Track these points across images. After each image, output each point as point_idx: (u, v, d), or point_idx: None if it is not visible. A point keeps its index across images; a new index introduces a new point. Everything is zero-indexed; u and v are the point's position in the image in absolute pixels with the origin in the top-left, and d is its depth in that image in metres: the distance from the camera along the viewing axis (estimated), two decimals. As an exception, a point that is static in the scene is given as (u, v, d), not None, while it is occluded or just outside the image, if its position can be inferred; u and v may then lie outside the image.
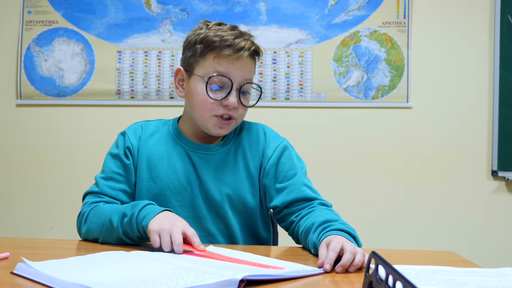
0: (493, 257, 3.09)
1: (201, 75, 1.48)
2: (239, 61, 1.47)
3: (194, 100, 1.50)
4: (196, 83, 1.50)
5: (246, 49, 1.47)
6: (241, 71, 1.48)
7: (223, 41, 1.46)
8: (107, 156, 1.59)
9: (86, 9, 3.21)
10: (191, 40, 1.52)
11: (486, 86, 3.12)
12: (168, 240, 1.23)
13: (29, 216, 3.24)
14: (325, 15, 3.15)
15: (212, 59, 1.47)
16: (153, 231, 1.25)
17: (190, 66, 1.52)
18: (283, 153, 1.60)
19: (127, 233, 1.34)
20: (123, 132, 1.60)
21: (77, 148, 3.22)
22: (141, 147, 1.57)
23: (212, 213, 1.55)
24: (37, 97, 3.21)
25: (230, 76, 1.46)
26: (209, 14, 3.16)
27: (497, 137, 3.08)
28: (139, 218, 1.31)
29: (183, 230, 1.25)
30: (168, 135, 1.60)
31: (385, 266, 0.80)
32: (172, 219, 1.29)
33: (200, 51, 1.49)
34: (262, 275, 0.99)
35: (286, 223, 1.56)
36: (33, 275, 0.97)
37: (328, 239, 1.24)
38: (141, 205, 1.34)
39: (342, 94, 3.13)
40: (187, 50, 1.54)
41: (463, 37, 3.13)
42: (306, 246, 1.41)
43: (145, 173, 1.55)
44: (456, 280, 1.00)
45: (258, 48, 1.53)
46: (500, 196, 3.12)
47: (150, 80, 3.18)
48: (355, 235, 1.33)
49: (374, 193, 3.15)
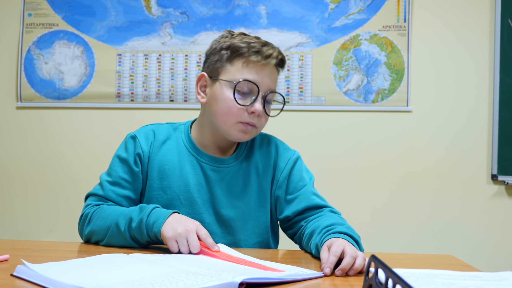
0: (493, 261, 3.08)
1: (228, 79, 1.47)
2: (267, 69, 1.48)
3: (219, 106, 1.48)
4: (222, 88, 1.48)
5: (274, 57, 1.48)
6: (268, 79, 1.48)
7: (251, 47, 1.46)
8: (114, 158, 1.55)
9: (87, 12, 3.21)
10: (217, 47, 1.52)
11: (486, 90, 3.12)
12: (186, 245, 1.25)
13: (29, 219, 3.24)
14: (325, 18, 3.15)
15: (241, 64, 1.47)
16: (170, 238, 1.26)
17: (215, 71, 1.51)
18: (295, 165, 1.60)
19: (135, 238, 1.34)
20: (133, 135, 1.56)
21: (77, 150, 3.22)
22: (152, 155, 1.54)
23: (222, 228, 1.54)
24: (37, 99, 3.21)
25: (258, 83, 1.46)
26: (209, 17, 3.17)
27: (497, 141, 3.08)
28: (149, 224, 1.31)
29: (197, 232, 1.27)
30: (181, 144, 1.57)
31: (385, 270, 0.80)
32: (183, 221, 1.29)
33: (227, 57, 1.49)
34: (261, 278, 0.99)
35: (294, 229, 1.56)
36: (33, 277, 0.97)
37: (330, 242, 1.24)
38: (148, 209, 1.34)
39: (342, 97, 3.13)
40: (212, 56, 1.53)
41: (463, 40, 3.13)
42: (308, 248, 1.41)
43: (156, 183, 1.53)
44: (455, 284, 1.00)
45: (284, 57, 1.53)
46: (500, 200, 3.12)
47: (150, 83, 3.18)
48: (358, 240, 1.33)
49: (372, 196, 3.14)
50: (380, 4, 3.12)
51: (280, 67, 1.53)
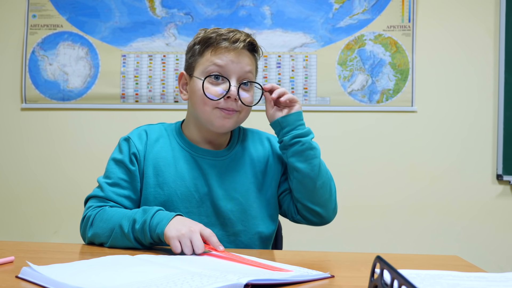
0: (498, 261, 3.08)
1: (200, 69, 1.52)
2: (236, 53, 1.51)
3: (196, 97, 1.53)
4: (197, 81, 1.52)
5: (242, 40, 1.51)
6: (238, 63, 1.51)
7: (219, 35, 1.51)
8: (110, 161, 1.57)
9: (91, 13, 3.22)
10: (190, 45, 1.59)
11: (491, 90, 3.11)
12: (190, 245, 1.24)
13: (34, 220, 3.25)
14: (329, 19, 3.15)
15: (210, 53, 1.51)
16: (173, 237, 1.25)
17: (191, 67, 1.57)
18: None
19: (138, 239, 1.34)
20: (127, 137, 1.58)
21: (81, 152, 3.23)
22: (147, 153, 1.56)
23: (220, 219, 1.55)
24: (41, 101, 3.22)
25: (228, 67, 1.50)
26: (214, 18, 3.17)
27: (502, 141, 3.07)
28: (152, 225, 1.31)
29: (200, 232, 1.26)
30: (173, 140, 1.60)
31: (390, 271, 0.80)
32: (187, 223, 1.30)
33: (198, 50, 1.54)
34: (267, 280, 0.99)
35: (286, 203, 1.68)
36: (38, 279, 0.97)
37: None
38: (151, 211, 1.34)
39: (346, 98, 3.13)
40: (187, 54, 1.60)
41: (468, 40, 3.13)
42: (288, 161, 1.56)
43: (152, 180, 1.54)
44: (461, 285, 1.00)
45: (254, 40, 1.56)
46: (505, 200, 3.11)
47: (154, 84, 3.18)
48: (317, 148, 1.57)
49: (377, 196, 3.14)
50: (385, 4, 3.12)
51: (251, 51, 1.56)
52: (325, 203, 1.59)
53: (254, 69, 1.58)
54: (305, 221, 1.64)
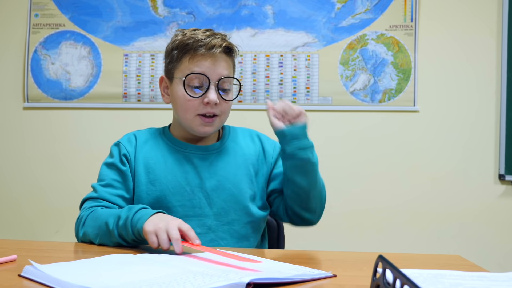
0: (500, 261, 3.07)
1: (179, 77, 1.55)
2: (213, 58, 1.54)
3: (177, 103, 1.58)
4: (176, 87, 1.56)
5: (218, 46, 1.54)
6: (216, 68, 1.54)
7: (196, 42, 1.53)
8: (102, 166, 1.62)
9: (93, 12, 3.22)
10: (168, 48, 1.62)
11: (494, 90, 3.11)
12: (166, 238, 1.25)
13: (36, 219, 3.25)
14: (332, 18, 3.15)
15: (188, 60, 1.54)
16: (150, 232, 1.26)
17: (170, 72, 1.61)
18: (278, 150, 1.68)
19: (122, 236, 1.36)
20: (117, 142, 1.64)
21: (83, 151, 3.23)
22: (137, 153, 1.61)
23: (213, 209, 1.58)
24: (44, 100, 3.22)
25: (206, 73, 1.53)
26: (216, 17, 3.17)
27: (505, 141, 3.07)
28: (134, 221, 1.32)
29: (179, 226, 1.27)
30: (162, 142, 1.64)
31: (393, 270, 0.80)
32: (166, 218, 1.31)
33: (176, 56, 1.57)
34: (269, 279, 0.99)
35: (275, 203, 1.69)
36: (40, 277, 0.97)
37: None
38: (135, 208, 1.36)
39: (348, 97, 3.13)
40: (166, 58, 1.63)
41: (471, 40, 3.12)
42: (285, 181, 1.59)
43: (143, 177, 1.58)
44: (463, 284, 1.00)
45: (231, 44, 1.59)
46: (507, 200, 3.11)
47: (156, 83, 3.18)
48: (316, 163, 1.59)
49: (379, 196, 3.14)
50: (387, 3, 3.12)
51: (228, 54, 1.59)
52: (315, 209, 1.62)
53: (232, 68, 1.62)
54: (291, 223, 1.67)
